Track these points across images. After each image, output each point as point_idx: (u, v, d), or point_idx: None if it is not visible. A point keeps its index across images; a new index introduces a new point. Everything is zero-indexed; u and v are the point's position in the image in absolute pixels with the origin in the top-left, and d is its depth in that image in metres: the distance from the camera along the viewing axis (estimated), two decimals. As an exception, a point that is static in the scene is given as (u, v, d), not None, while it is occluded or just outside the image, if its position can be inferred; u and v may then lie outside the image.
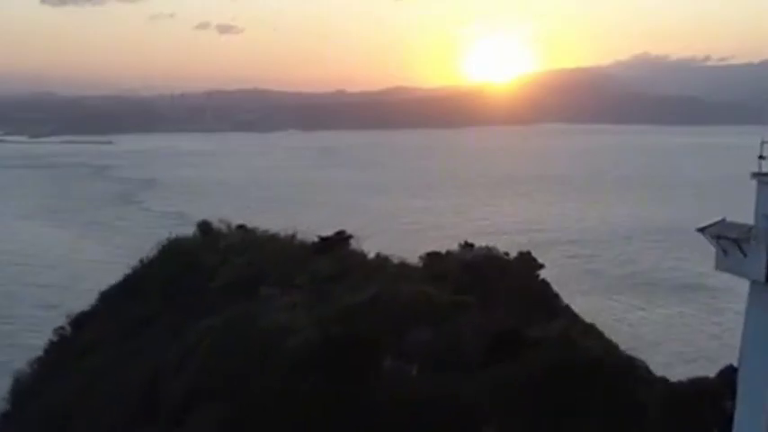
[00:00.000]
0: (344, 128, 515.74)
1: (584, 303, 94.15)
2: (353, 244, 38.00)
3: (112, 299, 42.10)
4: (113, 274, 51.49)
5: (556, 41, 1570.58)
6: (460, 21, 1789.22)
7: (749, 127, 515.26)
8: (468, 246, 37.88)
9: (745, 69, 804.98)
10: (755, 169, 16.36)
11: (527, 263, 36.93)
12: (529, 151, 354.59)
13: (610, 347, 30.46)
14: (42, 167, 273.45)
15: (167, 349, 29.90)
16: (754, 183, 16.88)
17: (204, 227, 44.11)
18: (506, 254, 37.23)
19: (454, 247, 39.39)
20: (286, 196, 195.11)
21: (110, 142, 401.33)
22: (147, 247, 48.85)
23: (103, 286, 48.97)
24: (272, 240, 40.96)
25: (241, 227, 43.97)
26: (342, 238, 38.10)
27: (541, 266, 37.23)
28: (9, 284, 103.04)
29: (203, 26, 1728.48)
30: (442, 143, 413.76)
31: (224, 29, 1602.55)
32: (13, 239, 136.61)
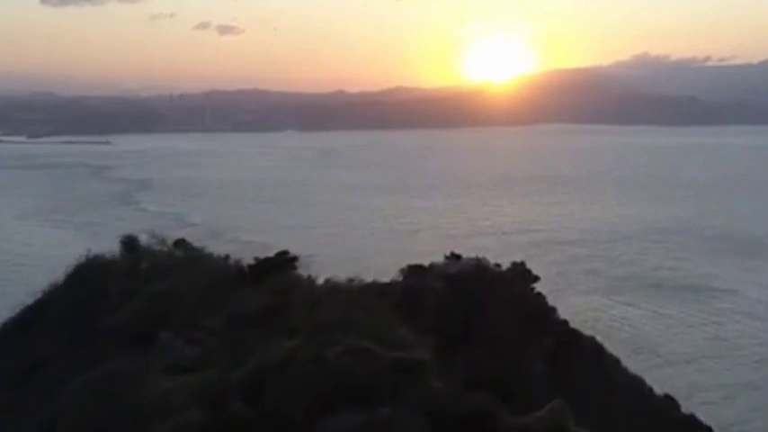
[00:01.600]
0: (344, 128, 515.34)
1: (584, 304, 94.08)
2: (300, 267, 30.96)
3: (10, 333, 34.49)
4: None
5: (556, 41, 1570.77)
6: (460, 21, 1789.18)
7: (749, 127, 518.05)
8: (454, 257, 34.16)
9: (745, 69, 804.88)
10: (756, 169, 14.74)
11: (520, 275, 34.16)
12: (529, 151, 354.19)
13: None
14: (40, 168, 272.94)
15: (37, 413, 24.02)
16: (754, 183, 15.46)
17: (128, 243, 35.69)
18: (498, 265, 34.15)
19: (456, 244, 37.56)
20: (285, 196, 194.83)
21: (108, 142, 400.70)
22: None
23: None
24: (201, 262, 33.01)
25: (180, 242, 35.73)
26: (284, 259, 31.08)
27: (536, 278, 34.42)
28: (6, 285, 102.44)
29: (203, 26, 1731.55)
30: (442, 143, 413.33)
31: (224, 29, 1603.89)
32: (11, 239, 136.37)
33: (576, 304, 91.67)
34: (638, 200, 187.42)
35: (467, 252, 35.38)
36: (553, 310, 34.05)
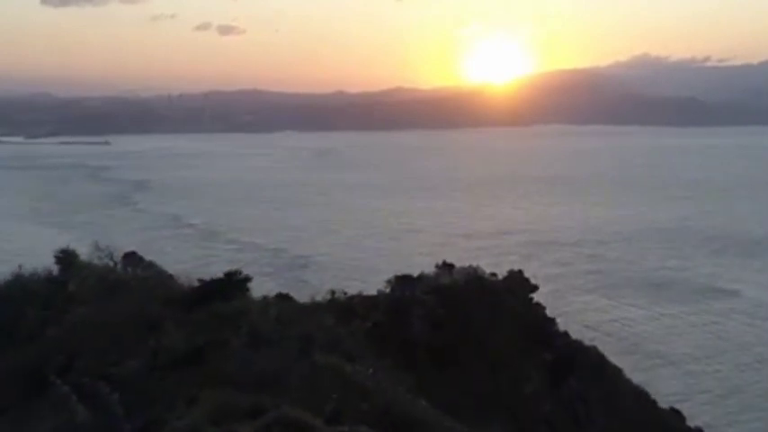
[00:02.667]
0: (344, 128, 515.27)
1: (585, 304, 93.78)
2: (253, 289, 25.91)
3: None
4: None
5: (555, 42, 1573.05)
6: (460, 21, 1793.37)
7: (749, 127, 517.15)
8: (446, 266, 31.43)
9: (744, 70, 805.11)
10: (756, 169, 14.09)
11: (518, 284, 31.78)
12: (528, 152, 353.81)
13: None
14: (38, 168, 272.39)
15: None
16: (754, 183, 14.77)
17: (65, 258, 30.15)
18: (494, 274, 31.77)
19: (455, 244, 36.49)
20: (285, 196, 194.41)
21: (107, 143, 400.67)
22: (141, 250, 46.72)
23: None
24: (141, 283, 27.71)
25: (129, 255, 30.66)
26: (234, 281, 26.13)
27: (535, 288, 32.33)
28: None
29: (204, 27, 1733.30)
30: (442, 143, 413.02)
31: (225, 30, 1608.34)
32: (9, 239, 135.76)
33: (576, 304, 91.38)
34: (638, 200, 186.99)
35: (466, 252, 34.76)
36: (552, 321, 31.96)
